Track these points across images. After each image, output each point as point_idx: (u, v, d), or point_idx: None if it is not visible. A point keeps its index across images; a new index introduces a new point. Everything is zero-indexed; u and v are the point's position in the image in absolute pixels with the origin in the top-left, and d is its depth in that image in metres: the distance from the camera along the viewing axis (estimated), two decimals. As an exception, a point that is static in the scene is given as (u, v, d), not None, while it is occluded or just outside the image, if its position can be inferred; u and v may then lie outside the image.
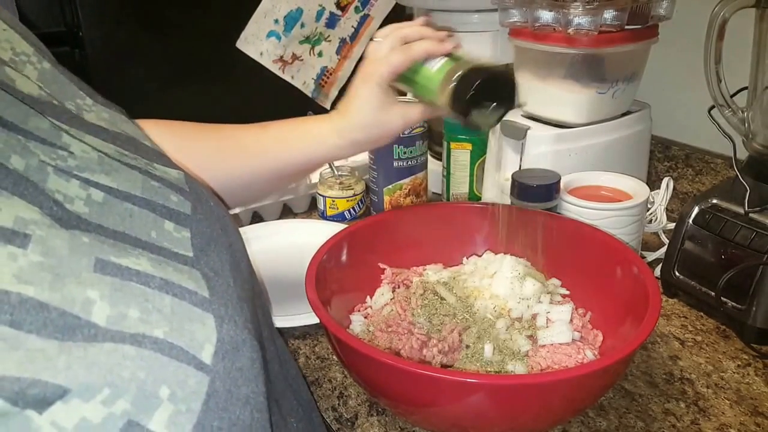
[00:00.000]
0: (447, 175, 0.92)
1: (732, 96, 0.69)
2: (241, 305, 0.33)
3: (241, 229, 0.86)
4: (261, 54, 1.11)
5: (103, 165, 0.32)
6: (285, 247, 0.84)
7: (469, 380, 0.47)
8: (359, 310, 0.65)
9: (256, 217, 0.94)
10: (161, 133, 0.46)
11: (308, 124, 0.60)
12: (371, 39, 0.60)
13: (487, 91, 0.54)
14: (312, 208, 0.98)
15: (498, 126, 0.88)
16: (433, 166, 0.98)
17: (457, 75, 0.54)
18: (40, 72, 0.35)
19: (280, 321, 0.67)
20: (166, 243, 0.31)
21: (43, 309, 0.24)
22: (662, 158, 0.96)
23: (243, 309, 0.33)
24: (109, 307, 0.26)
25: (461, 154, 0.89)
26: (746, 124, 0.69)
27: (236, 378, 0.29)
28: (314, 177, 0.94)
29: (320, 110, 1.20)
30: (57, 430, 0.23)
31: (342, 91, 1.22)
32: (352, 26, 1.19)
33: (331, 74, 1.20)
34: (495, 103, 0.55)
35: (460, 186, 0.91)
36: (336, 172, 0.90)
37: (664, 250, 0.75)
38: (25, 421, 0.23)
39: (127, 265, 0.28)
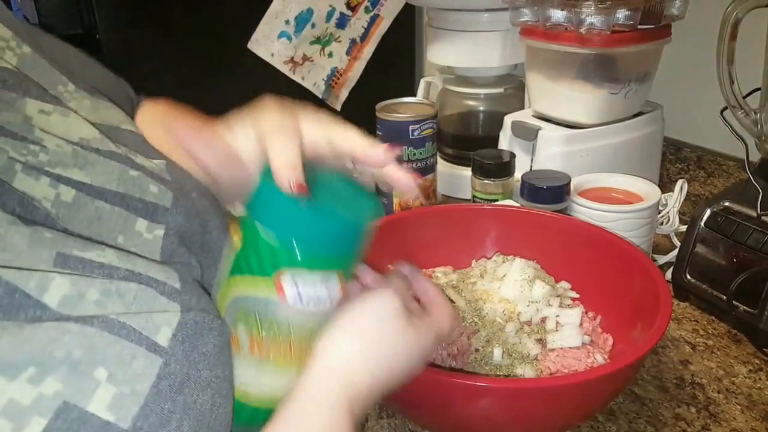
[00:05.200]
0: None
1: (745, 97, 0.69)
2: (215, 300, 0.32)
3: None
4: (272, 55, 1.12)
5: (77, 158, 0.31)
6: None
7: (478, 384, 0.47)
8: (369, 312, 0.65)
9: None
10: (168, 112, 0.45)
11: None
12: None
13: None
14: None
15: (510, 128, 0.88)
16: (442, 168, 0.98)
17: None
18: (20, 57, 0.35)
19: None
20: (133, 248, 0.31)
21: None
22: (674, 160, 0.96)
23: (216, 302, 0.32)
24: (69, 284, 0.25)
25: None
26: (759, 126, 0.68)
27: (197, 362, 0.28)
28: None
29: (331, 111, 1.21)
30: None
31: (352, 92, 1.23)
32: (363, 26, 1.19)
33: (341, 75, 1.21)
34: None
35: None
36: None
37: (675, 253, 0.75)
38: None
39: (91, 258, 0.27)
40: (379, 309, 0.36)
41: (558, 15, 0.81)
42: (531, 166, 0.85)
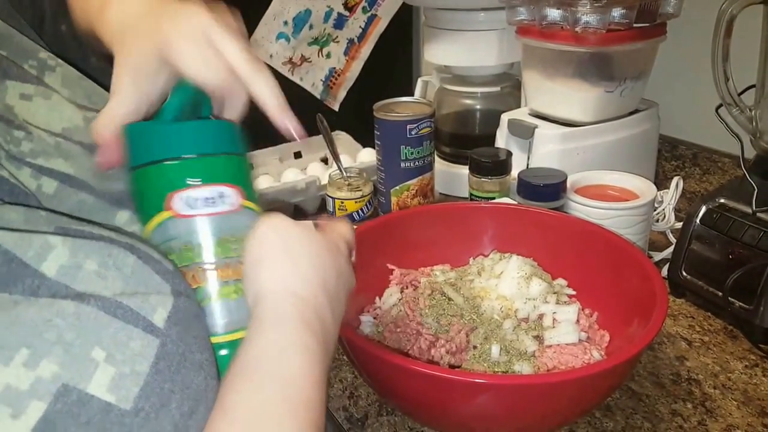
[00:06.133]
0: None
1: (740, 94, 0.69)
2: None
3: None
4: (270, 56, 1.12)
5: (60, 150, 0.30)
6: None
7: (476, 381, 0.47)
8: (369, 311, 0.66)
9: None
10: None
11: None
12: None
13: None
14: (322, 210, 0.99)
15: (506, 126, 0.89)
16: (440, 166, 0.98)
17: None
18: None
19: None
20: None
21: None
22: (669, 157, 0.96)
23: None
24: (69, 254, 0.25)
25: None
26: (754, 123, 0.69)
27: (191, 344, 0.28)
28: (323, 179, 0.95)
29: (329, 112, 1.21)
30: None
31: (350, 92, 1.23)
32: (360, 26, 1.20)
33: (339, 75, 1.21)
34: None
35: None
36: (344, 174, 0.91)
37: (671, 249, 0.75)
38: None
39: (90, 230, 0.27)
40: (277, 226, 0.36)
41: (554, 14, 0.81)
42: (527, 164, 0.86)
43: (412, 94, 1.05)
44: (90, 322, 0.24)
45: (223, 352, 0.34)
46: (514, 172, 0.79)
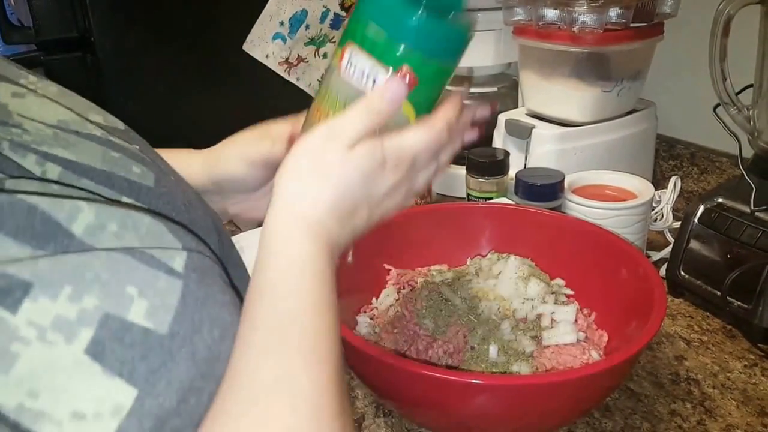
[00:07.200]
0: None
1: (737, 94, 0.69)
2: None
3: (249, 232, 0.87)
4: (267, 56, 1.12)
5: (59, 140, 0.31)
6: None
7: (474, 381, 0.47)
8: (365, 312, 0.65)
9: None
10: None
11: (181, 152, 0.54)
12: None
13: None
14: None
15: (504, 126, 0.89)
16: (438, 166, 0.98)
17: None
18: None
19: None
20: None
21: (30, 212, 0.25)
22: (667, 157, 0.96)
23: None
24: (94, 216, 0.27)
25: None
26: (752, 122, 0.69)
27: (210, 287, 0.30)
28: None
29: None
30: (35, 329, 0.24)
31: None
32: (357, 27, 1.19)
33: (335, 75, 1.21)
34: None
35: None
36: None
37: (669, 249, 0.75)
38: (1, 322, 0.24)
39: (110, 196, 0.29)
40: (312, 147, 0.39)
41: (551, 14, 0.81)
42: (525, 164, 0.86)
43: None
44: (121, 265, 0.27)
45: None
46: (512, 172, 0.79)
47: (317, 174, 0.38)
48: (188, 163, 0.52)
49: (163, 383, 0.26)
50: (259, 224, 0.39)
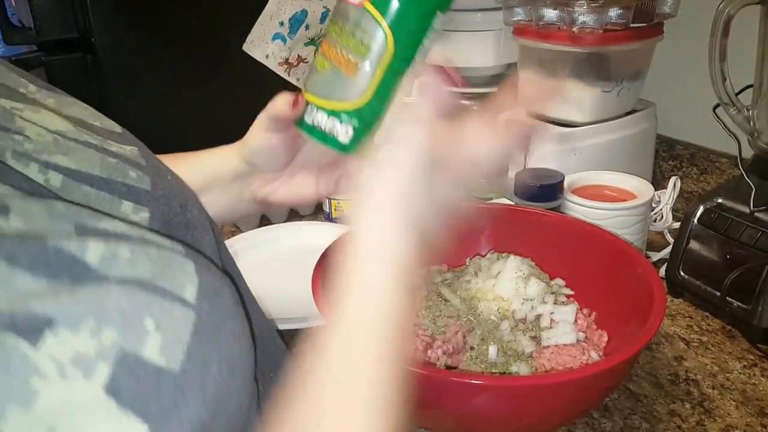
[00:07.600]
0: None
1: (737, 94, 0.69)
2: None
3: (249, 233, 0.87)
4: (267, 57, 1.12)
5: (59, 146, 0.32)
6: (291, 249, 0.84)
7: (473, 382, 0.47)
8: (364, 312, 0.65)
9: (264, 220, 0.95)
10: None
11: (218, 148, 0.58)
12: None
13: None
14: (318, 211, 0.98)
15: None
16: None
17: None
18: None
19: (286, 324, 0.67)
20: None
21: (41, 245, 0.25)
22: (667, 157, 0.96)
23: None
24: (103, 245, 0.27)
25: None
26: (751, 123, 0.69)
27: (221, 315, 0.30)
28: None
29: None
30: (55, 364, 0.24)
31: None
32: (357, 27, 1.19)
33: (335, 75, 1.21)
34: None
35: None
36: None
37: (669, 249, 0.75)
38: (22, 357, 0.23)
39: (105, 227, 0.29)
40: (402, 167, 0.40)
41: (551, 14, 0.81)
42: (525, 165, 0.86)
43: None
44: (140, 293, 0.27)
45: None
46: (512, 173, 0.79)
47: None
48: (226, 155, 0.56)
49: (174, 422, 0.26)
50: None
